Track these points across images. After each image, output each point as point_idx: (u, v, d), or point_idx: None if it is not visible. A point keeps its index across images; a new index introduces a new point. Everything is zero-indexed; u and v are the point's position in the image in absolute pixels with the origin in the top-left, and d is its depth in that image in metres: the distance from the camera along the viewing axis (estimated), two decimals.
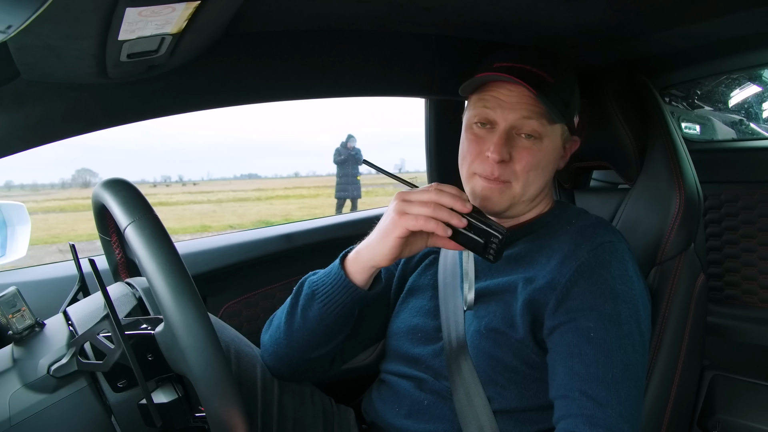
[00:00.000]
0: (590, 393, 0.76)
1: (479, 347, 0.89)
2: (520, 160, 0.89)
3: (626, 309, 0.82)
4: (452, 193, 0.82)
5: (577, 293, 0.83)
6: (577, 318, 0.82)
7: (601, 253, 0.86)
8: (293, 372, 0.98)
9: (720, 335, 1.39)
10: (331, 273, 0.90)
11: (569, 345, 0.81)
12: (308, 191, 18.79)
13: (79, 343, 0.75)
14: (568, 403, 0.78)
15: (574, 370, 0.79)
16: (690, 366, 1.06)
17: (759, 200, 1.36)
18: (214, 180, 28.80)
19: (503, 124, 0.89)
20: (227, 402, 0.64)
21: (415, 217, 0.81)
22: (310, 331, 0.92)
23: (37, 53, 0.77)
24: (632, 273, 0.87)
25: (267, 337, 0.99)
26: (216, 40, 0.96)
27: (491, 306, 0.91)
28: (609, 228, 0.92)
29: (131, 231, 0.67)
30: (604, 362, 0.78)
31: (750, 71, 1.53)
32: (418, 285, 1.03)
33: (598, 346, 0.79)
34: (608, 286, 0.83)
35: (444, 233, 0.81)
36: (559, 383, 0.80)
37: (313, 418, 1.01)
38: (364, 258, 0.87)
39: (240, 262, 1.33)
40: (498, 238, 0.81)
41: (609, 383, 0.77)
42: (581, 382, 0.78)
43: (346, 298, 0.88)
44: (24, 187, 24.28)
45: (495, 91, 0.90)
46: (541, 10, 1.02)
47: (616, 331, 0.80)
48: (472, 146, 0.92)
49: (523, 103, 0.88)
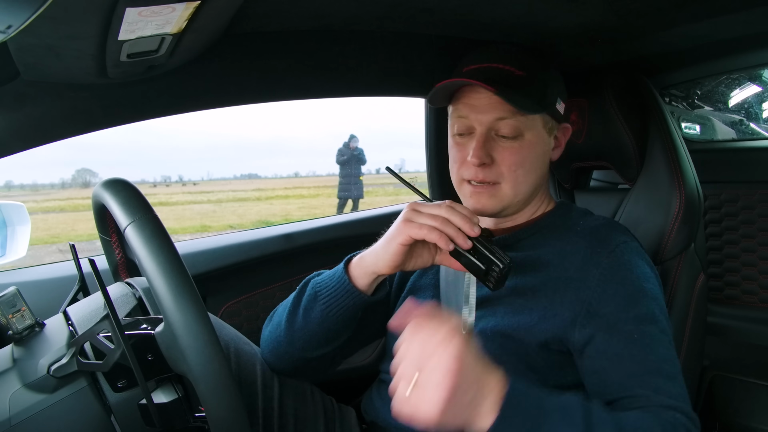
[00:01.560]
0: (659, 388, 0.77)
1: (483, 350, 0.89)
2: (503, 160, 0.89)
3: (656, 306, 0.84)
4: (463, 214, 0.82)
5: (606, 300, 0.83)
6: (614, 323, 0.82)
7: (620, 255, 0.86)
8: (293, 369, 0.98)
9: (720, 335, 1.39)
10: (335, 276, 0.90)
11: (615, 350, 0.81)
12: (308, 191, 18.79)
13: (79, 343, 0.75)
14: (635, 401, 0.77)
15: (630, 372, 0.79)
16: (690, 366, 1.06)
17: (759, 200, 1.36)
18: (214, 180, 28.82)
19: (480, 128, 0.89)
20: (227, 402, 0.64)
21: (420, 226, 0.81)
22: (312, 331, 0.91)
23: (37, 53, 0.77)
24: (650, 270, 0.88)
25: (267, 332, 0.99)
26: (216, 40, 0.96)
27: (499, 310, 0.90)
28: (620, 228, 0.92)
29: (131, 231, 0.67)
30: (654, 359, 0.79)
31: (750, 71, 1.53)
32: (419, 285, 1.02)
33: (644, 346, 0.80)
34: (634, 287, 0.84)
35: (446, 246, 0.81)
36: (616, 387, 0.80)
37: (314, 417, 1.01)
38: (367, 263, 0.87)
39: (240, 262, 1.33)
40: (499, 267, 0.79)
41: (669, 376, 0.78)
42: (644, 377, 0.78)
43: (349, 302, 0.88)
44: (24, 187, 24.30)
45: (467, 97, 0.90)
46: (541, 10, 1.02)
47: (655, 328, 0.81)
48: (456, 154, 0.93)
49: (494, 103, 0.88)
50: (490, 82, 0.86)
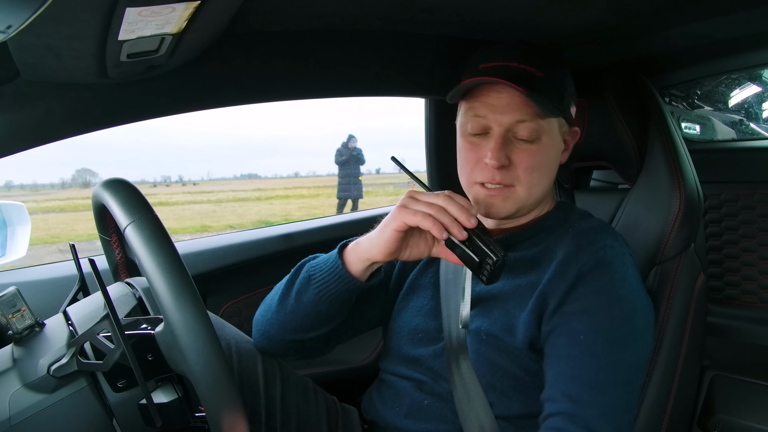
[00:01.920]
0: (574, 394, 0.76)
1: (479, 352, 0.89)
2: (520, 163, 0.87)
3: (621, 312, 0.81)
4: (461, 204, 0.80)
5: (573, 297, 0.83)
6: (570, 321, 0.81)
7: (602, 257, 0.84)
8: (286, 350, 0.97)
9: (720, 335, 1.39)
10: (329, 260, 0.89)
11: (559, 348, 0.81)
12: (308, 191, 18.78)
13: (79, 343, 0.75)
14: (551, 404, 0.78)
15: (560, 372, 0.79)
16: (690, 366, 1.06)
17: (759, 200, 1.36)
18: (214, 180, 28.81)
19: (498, 129, 0.87)
20: (227, 402, 0.64)
21: (414, 212, 0.80)
22: (303, 314, 0.90)
23: (37, 53, 0.77)
24: (632, 278, 0.86)
25: (258, 314, 0.98)
26: (216, 40, 0.96)
27: (494, 311, 0.89)
28: (611, 232, 0.91)
29: (131, 231, 0.67)
30: (590, 364, 0.77)
31: (750, 71, 1.53)
32: (418, 283, 1.02)
33: (585, 349, 0.78)
34: (605, 289, 0.82)
35: (439, 234, 0.80)
36: (546, 386, 0.80)
37: (317, 415, 1.01)
38: (362, 249, 0.86)
39: (240, 262, 1.33)
40: (492, 260, 0.78)
41: (594, 385, 0.76)
42: (566, 383, 0.77)
43: (342, 287, 0.87)
44: (24, 187, 24.29)
45: (484, 96, 0.87)
46: (541, 10, 1.02)
47: (608, 334, 0.79)
48: (469, 154, 0.90)
49: (514, 104, 0.86)
50: (516, 82, 0.83)
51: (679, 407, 1.05)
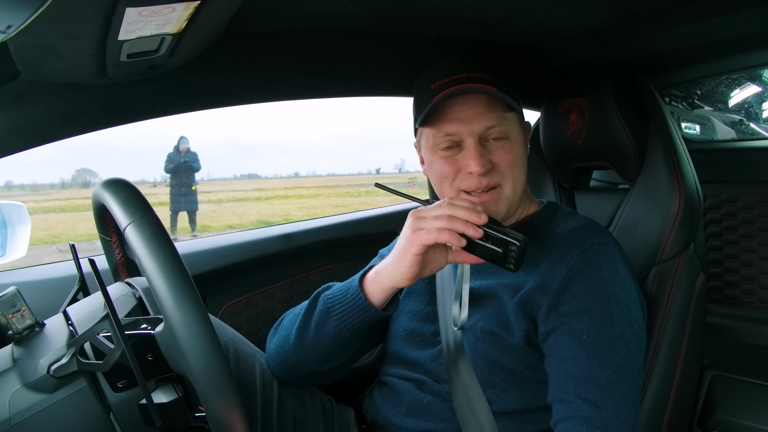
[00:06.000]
0: (585, 395, 0.77)
1: (476, 350, 0.89)
2: (501, 161, 0.89)
3: (618, 310, 0.82)
4: (465, 206, 0.82)
5: (568, 297, 0.83)
6: (569, 321, 0.82)
7: (591, 255, 0.86)
8: (301, 380, 0.99)
9: (720, 335, 1.39)
10: (349, 292, 0.90)
11: (562, 349, 0.81)
12: (308, 191, 18.78)
13: (79, 343, 0.75)
14: (564, 406, 0.78)
15: (568, 373, 0.79)
16: (690, 366, 1.06)
17: (759, 200, 1.36)
18: (214, 180, 28.78)
19: (472, 140, 0.88)
20: (227, 402, 0.64)
21: (429, 231, 0.81)
22: (324, 346, 0.92)
23: (37, 53, 0.77)
24: (623, 274, 0.87)
25: (274, 345, 0.99)
26: (216, 40, 0.96)
27: (486, 309, 0.91)
28: (599, 229, 0.91)
29: (131, 231, 0.67)
30: (597, 364, 0.78)
31: (750, 71, 1.53)
32: (414, 288, 1.03)
33: (590, 349, 0.79)
34: (599, 287, 0.83)
35: (459, 243, 0.81)
36: (554, 387, 0.81)
37: (313, 417, 1.02)
38: (384, 279, 0.87)
39: (240, 262, 1.33)
40: (516, 245, 0.80)
41: (603, 385, 0.77)
42: (576, 385, 0.78)
43: (363, 318, 0.88)
44: (24, 187, 24.26)
45: (448, 113, 0.89)
46: (541, 10, 1.02)
47: (608, 333, 0.80)
48: (446, 168, 0.91)
49: (480, 112, 0.88)
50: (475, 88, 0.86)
51: (679, 407, 1.05)
